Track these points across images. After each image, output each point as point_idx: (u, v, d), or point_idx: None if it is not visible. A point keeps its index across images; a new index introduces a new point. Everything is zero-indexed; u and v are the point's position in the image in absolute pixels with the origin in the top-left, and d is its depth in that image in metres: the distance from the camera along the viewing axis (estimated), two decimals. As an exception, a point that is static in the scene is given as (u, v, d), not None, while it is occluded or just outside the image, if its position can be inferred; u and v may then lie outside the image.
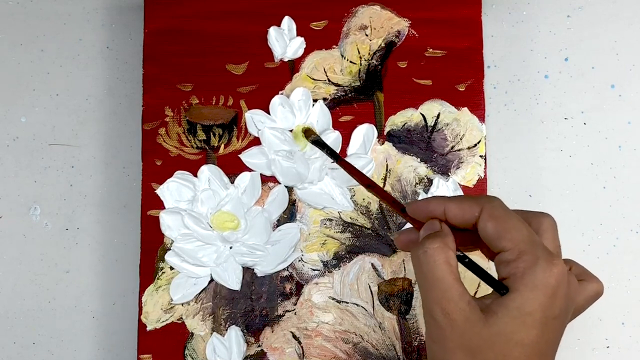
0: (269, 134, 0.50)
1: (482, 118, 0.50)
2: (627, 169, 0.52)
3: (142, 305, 0.48)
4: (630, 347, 0.51)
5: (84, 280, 0.52)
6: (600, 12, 0.53)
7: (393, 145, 0.50)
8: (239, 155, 0.50)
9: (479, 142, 0.50)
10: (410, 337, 0.49)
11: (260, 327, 0.49)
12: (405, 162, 0.50)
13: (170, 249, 0.49)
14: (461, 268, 0.37)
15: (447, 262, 0.36)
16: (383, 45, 0.51)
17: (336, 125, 0.50)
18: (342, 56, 0.51)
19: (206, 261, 0.49)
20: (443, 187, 0.50)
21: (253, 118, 0.50)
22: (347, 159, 0.50)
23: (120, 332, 0.51)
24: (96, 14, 0.54)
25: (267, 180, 0.50)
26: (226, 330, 0.48)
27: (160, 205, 0.49)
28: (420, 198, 0.49)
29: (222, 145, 0.50)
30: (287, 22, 0.51)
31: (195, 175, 0.50)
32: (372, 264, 0.49)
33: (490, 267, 0.50)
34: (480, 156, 0.50)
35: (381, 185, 0.50)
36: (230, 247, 0.49)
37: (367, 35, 0.51)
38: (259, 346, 0.49)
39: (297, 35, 0.51)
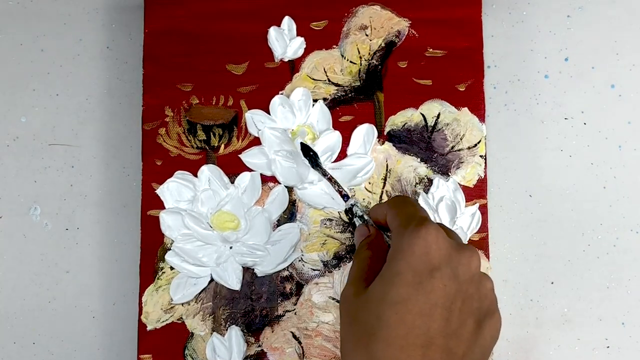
0: (269, 134, 0.50)
1: (482, 118, 0.50)
2: (627, 169, 0.52)
3: (142, 305, 0.48)
4: (630, 347, 0.51)
5: (84, 280, 0.52)
6: (600, 12, 0.53)
7: (393, 145, 0.50)
8: (239, 155, 0.50)
9: (479, 142, 0.50)
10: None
11: (260, 327, 0.49)
12: (405, 162, 0.50)
13: (170, 249, 0.49)
14: None
15: (365, 257, 0.40)
16: (383, 45, 0.51)
17: (336, 125, 0.50)
18: (342, 56, 0.51)
19: (206, 261, 0.49)
20: (443, 187, 0.50)
21: (253, 118, 0.50)
22: (347, 159, 0.50)
23: (120, 332, 0.51)
24: (96, 14, 0.54)
25: (267, 180, 0.50)
26: (226, 330, 0.48)
27: (160, 205, 0.49)
28: (420, 198, 0.49)
29: (222, 145, 0.50)
30: (287, 22, 0.51)
31: (196, 175, 0.50)
32: (372, 264, 0.49)
33: (490, 266, 0.50)
34: (480, 156, 0.50)
35: (381, 185, 0.50)
36: (231, 247, 0.49)
37: (367, 35, 0.51)
38: (259, 346, 0.49)
39: (297, 35, 0.51)
